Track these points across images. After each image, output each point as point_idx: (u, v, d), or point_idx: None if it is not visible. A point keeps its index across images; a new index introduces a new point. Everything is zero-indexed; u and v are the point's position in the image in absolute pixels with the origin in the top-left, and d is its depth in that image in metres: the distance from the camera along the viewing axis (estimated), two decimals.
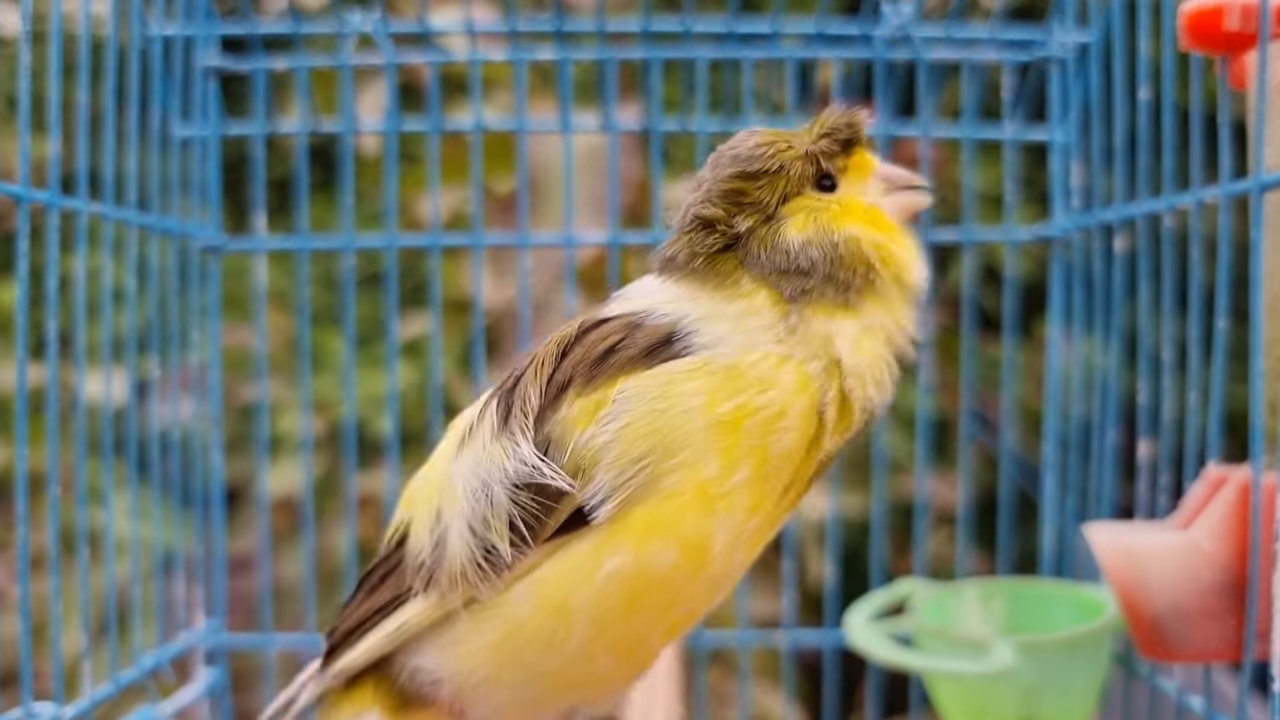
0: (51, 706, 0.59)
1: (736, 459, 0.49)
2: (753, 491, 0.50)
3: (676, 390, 0.49)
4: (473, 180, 0.85)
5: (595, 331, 0.52)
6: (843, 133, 0.55)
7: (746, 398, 0.50)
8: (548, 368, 0.52)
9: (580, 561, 0.50)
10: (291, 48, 0.85)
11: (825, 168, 0.55)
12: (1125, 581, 0.59)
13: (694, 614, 0.55)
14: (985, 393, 1.15)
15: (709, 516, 0.49)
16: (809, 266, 0.52)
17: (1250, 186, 0.54)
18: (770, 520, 0.53)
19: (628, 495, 0.49)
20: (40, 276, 0.59)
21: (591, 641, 0.51)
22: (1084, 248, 0.81)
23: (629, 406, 0.49)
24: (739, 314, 0.52)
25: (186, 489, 0.83)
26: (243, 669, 0.95)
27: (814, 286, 0.52)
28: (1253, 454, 0.54)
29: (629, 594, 0.50)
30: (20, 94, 0.56)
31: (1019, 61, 0.85)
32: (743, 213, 0.53)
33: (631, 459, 0.49)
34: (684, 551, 0.49)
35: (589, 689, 0.54)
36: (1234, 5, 0.56)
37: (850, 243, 0.53)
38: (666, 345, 0.51)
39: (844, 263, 0.53)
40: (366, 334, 1.15)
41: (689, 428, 0.49)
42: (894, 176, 0.58)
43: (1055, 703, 0.66)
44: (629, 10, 1.06)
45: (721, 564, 0.51)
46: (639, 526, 0.49)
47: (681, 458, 0.49)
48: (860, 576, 0.88)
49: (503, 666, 0.52)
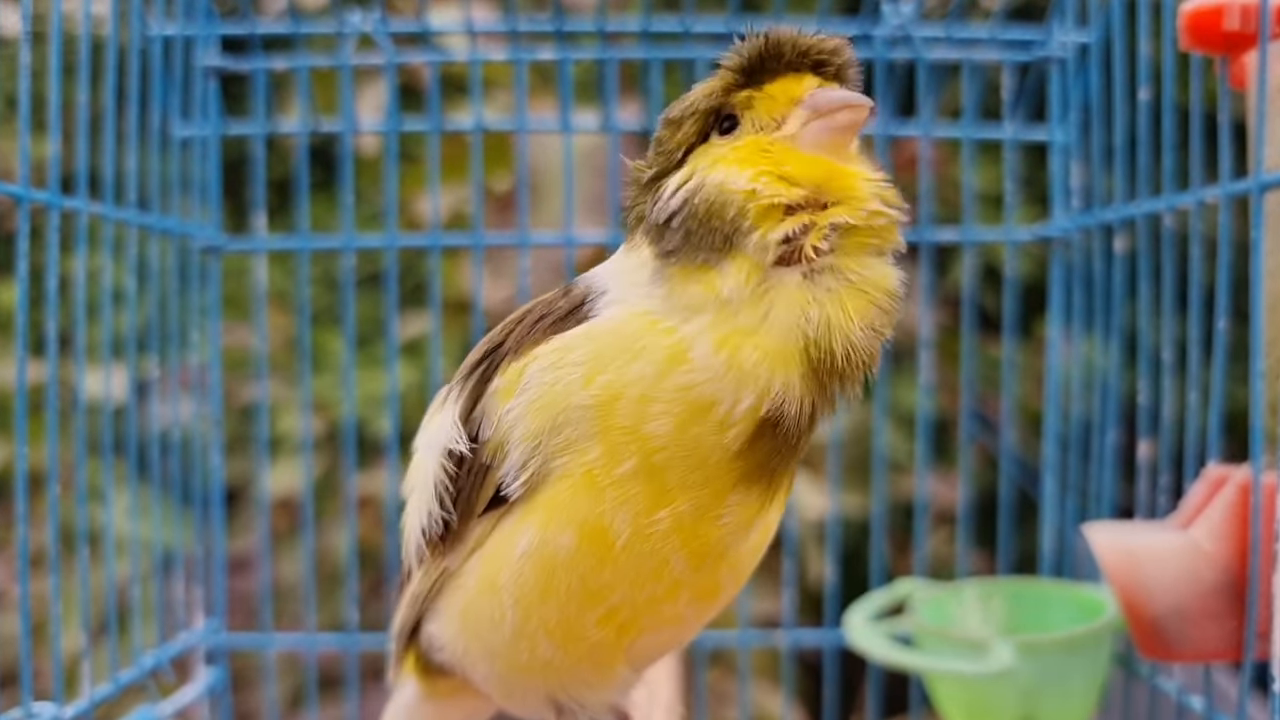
0: (51, 706, 0.59)
1: (616, 445, 0.44)
2: (651, 484, 0.45)
3: (565, 360, 0.46)
4: (472, 180, 0.85)
5: (544, 299, 0.51)
6: (748, 60, 0.46)
7: (612, 374, 0.44)
8: (499, 336, 0.50)
9: (504, 538, 0.49)
10: (291, 48, 0.85)
11: (723, 104, 0.47)
12: (1125, 581, 0.59)
13: (637, 611, 0.49)
14: (985, 393, 1.15)
15: (600, 504, 0.45)
16: (671, 220, 0.45)
17: (1250, 186, 0.54)
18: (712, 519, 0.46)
19: (531, 474, 0.46)
20: (40, 276, 0.59)
21: (523, 622, 0.49)
22: (1084, 248, 0.81)
23: (535, 379, 0.46)
24: (630, 270, 0.47)
25: (186, 489, 0.83)
26: (242, 669, 0.95)
27: (677, 245, 0.45)
28: (1253, 454, 0.54)
29: (541, 576, 0.47)
30: (20, 94, 0.56)
31: (1019, 61, 0.85)
32: (653, 163, 0.48)
33: (530, 435, 0.46)
34: (582, 537, 0.46)
35: (550, 678, 0.52)
36: (1234, 5, 0.56)
37: (709, 191, 0.44)
38: (579, 309, 0.48)
39: (700, 217, 0.45)
40: (366, 334, 1.15)
41: (570, 402, 0.45)
42: (821, 103, 0.45)
43: (1055, 703, 0.66)
44: (629, 10, 1.06)
45: (640, 557, 0.46)
46: (542, 507, 0.47)
47: (566, 435, 0.45)
48: (860, 576, 0.88)
49: (468, 639, 0.52)
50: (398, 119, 0.84)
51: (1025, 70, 0.85)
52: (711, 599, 0.52)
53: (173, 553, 0.89)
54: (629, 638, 0.50)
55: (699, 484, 0.45)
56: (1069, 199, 0.83)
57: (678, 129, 0.47)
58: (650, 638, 0.51)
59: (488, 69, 0.96)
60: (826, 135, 0.45)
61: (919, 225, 0.85)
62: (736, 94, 0.47)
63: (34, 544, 0.59)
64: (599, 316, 0.47)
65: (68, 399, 0.90)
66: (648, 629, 0.50)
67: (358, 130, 0.86)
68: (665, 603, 0.49)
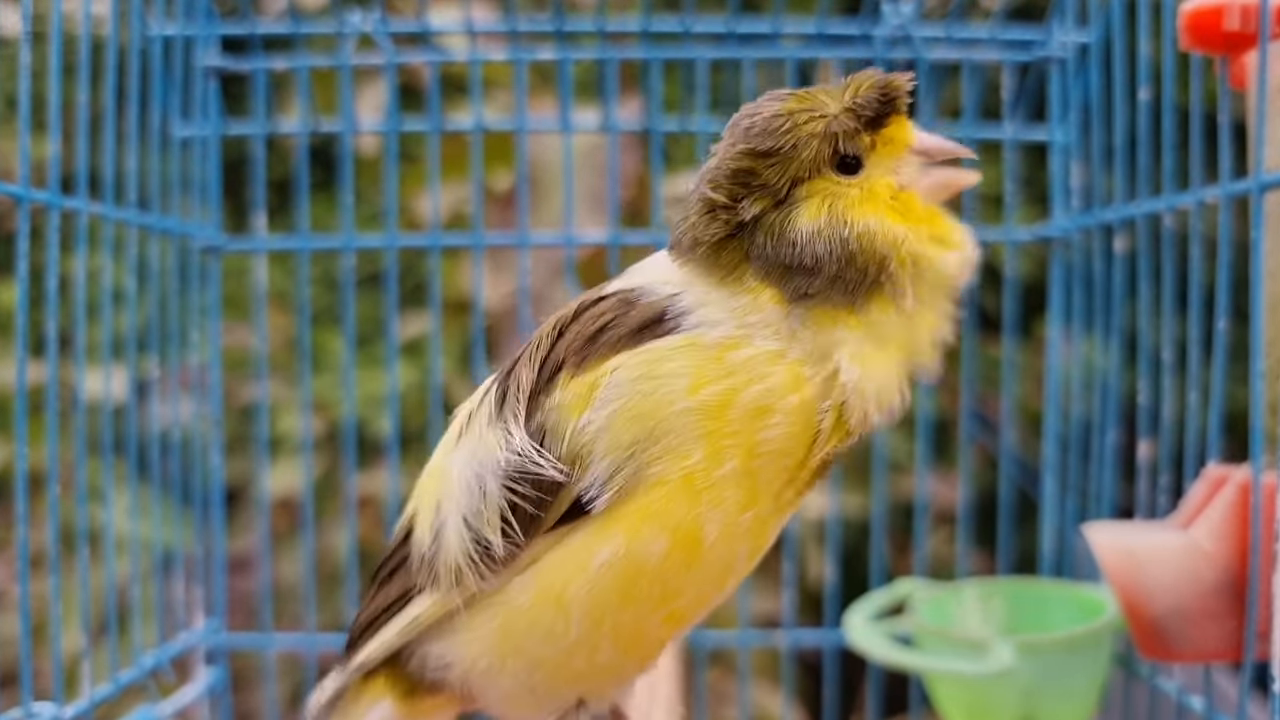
0: (51, 706, 0.59)
1: (722, 449, 0.46)
2: (743, 486, 0.47)
3: (662, 370, 0.47)
4: (472, 180, 0.85)
5: (591, 310, 0.50)
6: (870, 107, 0.48)
7: (732, 383, 0.46)
8: (542, 350, 0.50)
9: (576, 551, 0.49)
10: (291, 48, 0.85)
11: (846, 148, 0.48)
12: (1125, 582, 0.59)
13: (696, 607, 0.52)
14: (985, 393, 1.15)
15: (696, 507, 0.47)
16: (814, 263, 0.47)
17: (1250, 186, 0.54)
18: (770, 518, 0.50)
19: (621, 485, 0.47)
20: (40, 276, 0.59)
21: (590, 632, 0.49)
22: (1084, 248, 0.81)
23: (619, 389, 0.47)
24: (739, 309, 0.48)
25: (186, 489, 0.83)
26: (242, 669, 0.95)
27: (819, 288, 0.47)
28: (1253, 454, 0.54)
29: (623, 584, 0.48)
30: (20, 94, 0.56)
31: (1019, 61, 0.85)
32: (751, 196, 0.48)
33: (622, 446, 0.47)
34: (675, 542, 0.47)
35: (593, 680, 0.53)
36: (1234, 5, 0.56)
37: (864, 238, 0.47)
38: (658, 323, 0.48)
39: (854, 261, 0.47)
40: (366, 334, 1.15)
41: (672, 410, 0.46)
42: (932, 149, 0.51)
43: (1055, 703, 0.66)
44: (629, 10, 1.06)
45: (718, 557, 0.49)
46: (631, 516, 0.47)
47: (666, 443, 0.46)
48: (860, 576, 0.88)
49: (505, 655, 0.52)
50: (398, 119, 0.84)
51: (1025, 70, 0.85)
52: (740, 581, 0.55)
53: (173, 553, 0.89)
54: (681, 631, 0.54)
55: (780, 484, 0.49)
56: (1069, 199, 0.83)
57: (784, 161, 0.48)
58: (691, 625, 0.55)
59: (488, 69, 0.96)
60: (944, 193, 0.51)
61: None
62: (860, 136, 0.49)
63: (34, 544, 0.59)
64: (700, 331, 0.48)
65: (68, 399, 0.90)
66: (694, 620, 0.54)
67: (358, 130, 0.86)
68: (716, 594, 0.52)
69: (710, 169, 0.50)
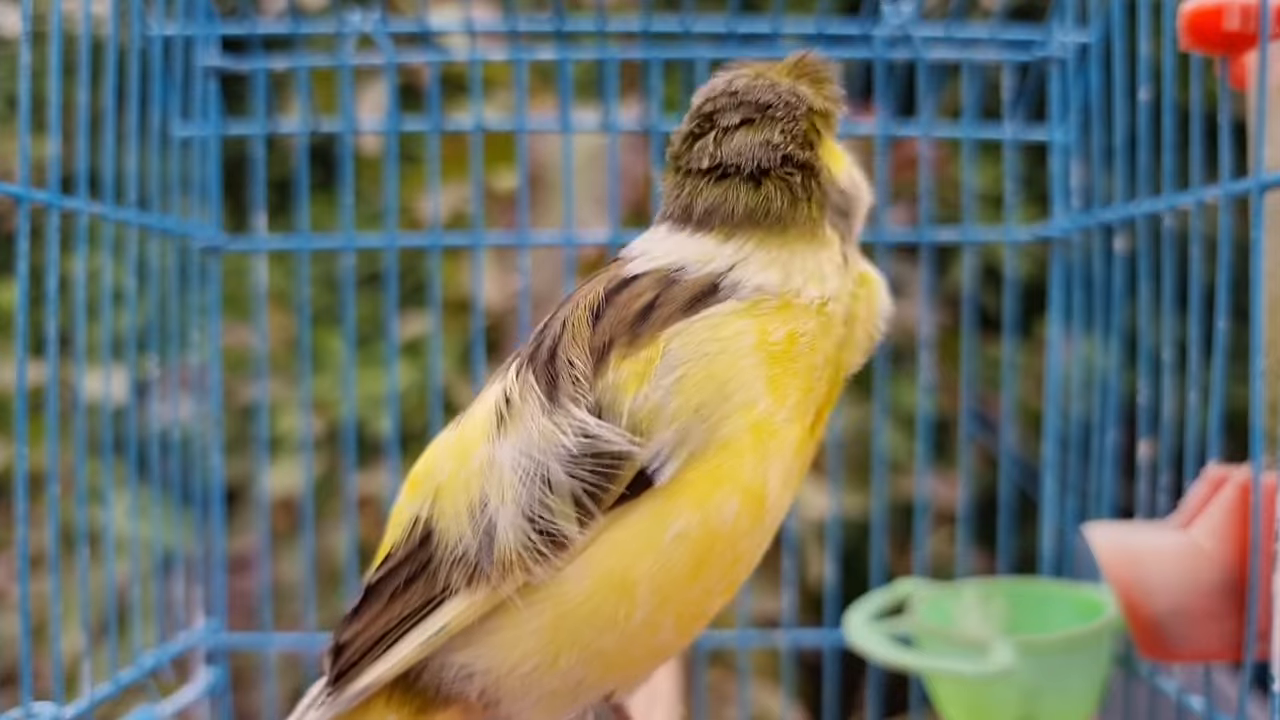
0: (51, 706, 0.59)
1: (784, 387, 0.49)
2: (797, 422, 0.50)
3: (726, 331, 0.48)
4: (472, 180, 0.85)
5: (626, 291, 0.50)
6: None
7: (796, 324, 0.50)
8: (584, 332, 0.49)
9: (643, 529, 0.48)
10: (291, 47, 0.85)
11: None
12: (1125, 581, 0.59)
13: (749, 570, 0.53)
14: (985, 393, 1.15)
15: (764, 459, 0.48)
16: (848, 207, 0.55)
17: (1250, 186, 0.54)
18: (805, 459, 0.53)
19: (691, 450, 0.47)
20: (40, 276, 0.59)
21: (654, 612, 0.48)
22: (1084, 248, 0.81)
23: (681, 357, 0.48)
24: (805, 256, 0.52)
25: (186, 489, 0.83)
26: (242, 669, 0.95)
27: (849, 227, 0.55)
28: (1253, 454, 0.54)
29: (695, 556, 0.48)
30: (20, 94, 0.56)
31: (1019, 61, 0.85)
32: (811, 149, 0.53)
33: (690, 410, 0.47)
34: (745, 500, 0.48)
35: (643, 665, 0.52)
36: (1234, 5, 0.56)
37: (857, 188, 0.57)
38: (712, 294, 0.50)
39: (855, 207, 0.56)
40: (366, 334, 1.15)
41: (740, 364, 0.48)
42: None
43: (1055, 703, 0.66)
44: (629, 10, 1.06)
45: (774, 507, 0.50)
46: (700, 482, 0.47)
47: (736, 399, 0.48)
48: (860, 576, 0.88)
49: (558, 650, 0.49)
50: (398, 119, 0.84)
51: (1025, 70, 0.85)
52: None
53: (173, 553, 0.89)
54: (729, 599, 0.54)
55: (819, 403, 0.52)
56: (1069, 199, 0.83)
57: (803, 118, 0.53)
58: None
59: (488, 69, 0.96)
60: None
61: (919, 225, 0.86)
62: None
63: (34, 544, 0.59)
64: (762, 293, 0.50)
65: (68, 399, 0.90)
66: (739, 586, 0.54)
67: (358, 130, 0.86)
68: (760, 554, 0.53)
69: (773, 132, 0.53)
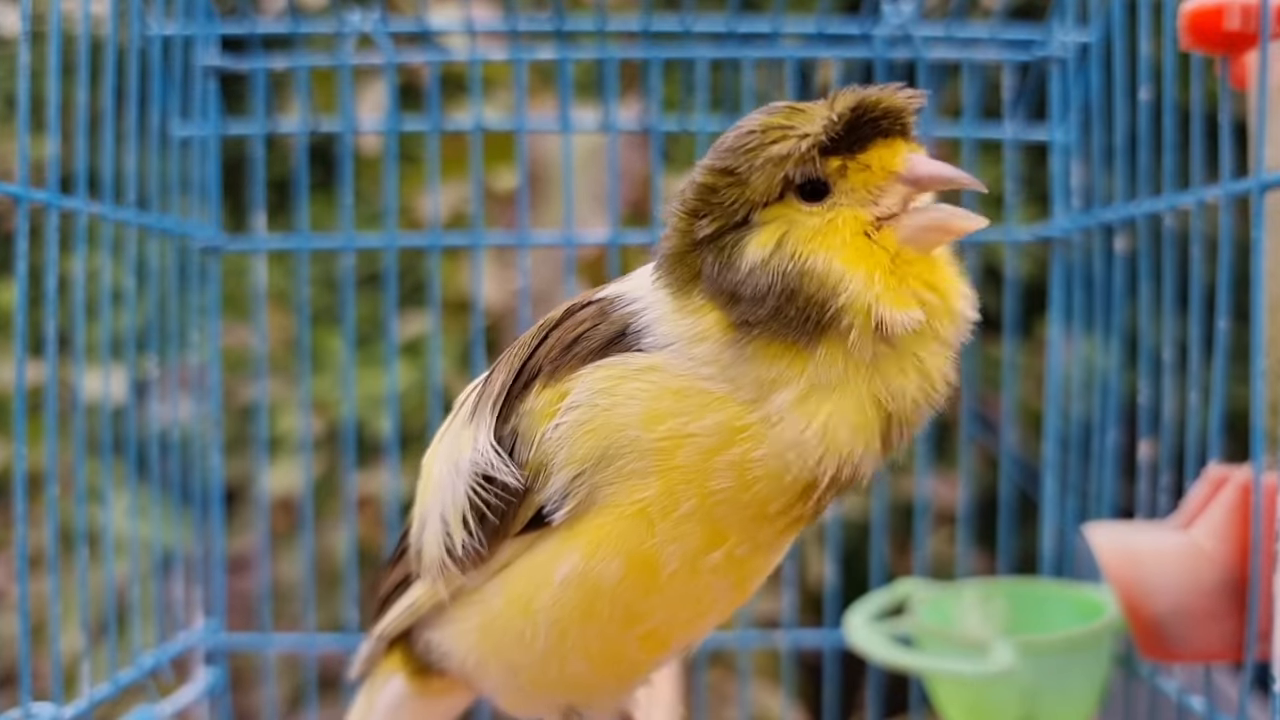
0: (50, 707, 0.59)
1: (675, 490, 0.44)
2: (705, 526, 0.45)
3: (621, 390, 0.45)
4: (472, 179, 0.85)
5: (573, 316, 0.49)
6: (840, 123, 0.43)
7: (683, 423, 0.44)
8: (524, 353, 0.49)
9: (541, 562, 0.48)
10: (291, 47, 0.85)
11: (809, 171, 0.44)
12: (1126, 582, 0.58)
13: (674, 631, 0.51)
14: (986, 393, 1.15)
15: (651, 539, 0.45)
16: (756, 294, 0.43)
17: (1251, 186, 0.54)
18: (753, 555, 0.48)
19: (578, 500, 0.46)
20: (39, 276, 0.59)
21: (558, 644, 0.48)
22: (1084, 248, 0.81)
23: (580, 401, 0.45)
24: (687, 333, 0.45)
25: (185, 489, 0.83)
26: (242, 669, 0.95)
27: (761, 319, 0.43)
28: (1253, 454, 0.53)
29: (583, 602, 0.47)
30: (19, 94, 0.56)
31: (1019, 61, 0.85)
32: (710, 214, 0.45)
33: (577, 460, 0.45)
34: (630, 566, 0.46)
35: (574, 689, 0.52)
36: (1234, 5, 0.56)
37: (807, 276, 0.43)
38: (622, 338, 0.46)
39: (795, 299, 0.43)
40: (366, 334, 1.15)
41: (625, 435, 0.44)
42: (923, 177, 0.44)
43: (1055, 703, 0.66)
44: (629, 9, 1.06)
45: (684, 587, 0.47)
46: (589, 533, 0.46)
47: (618, 467, 0.45)
48: (860, 577, 0.88)
49: (487, 653, 0.52)
50: (397, 118, 0.84)
51: (1025, 70, 0.85)
52: (735, 609, 0.54)
53: (172, 553, 0.89)
54: (663, 654, 0.52)
55: (756, 526, 0.46)
56: (1069, 199, 0.83)
57: (740, 183, 0.44)
58: (676, 649, 0.53)
59: (488, 68, 0.96)
60: (933, 236, 0.45)
61: None
62: (828, 160, 0.44)
63: (33, 544, 0.59)
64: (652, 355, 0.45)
65: (67, 399, 0.90)
66: (678, 643, 0.52)
67: (357, 130, 0.86)
68: (698, 620, 0.51)
69: (686, 180, 0.47)
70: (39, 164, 0.61)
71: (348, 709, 0.63)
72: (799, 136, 0.43)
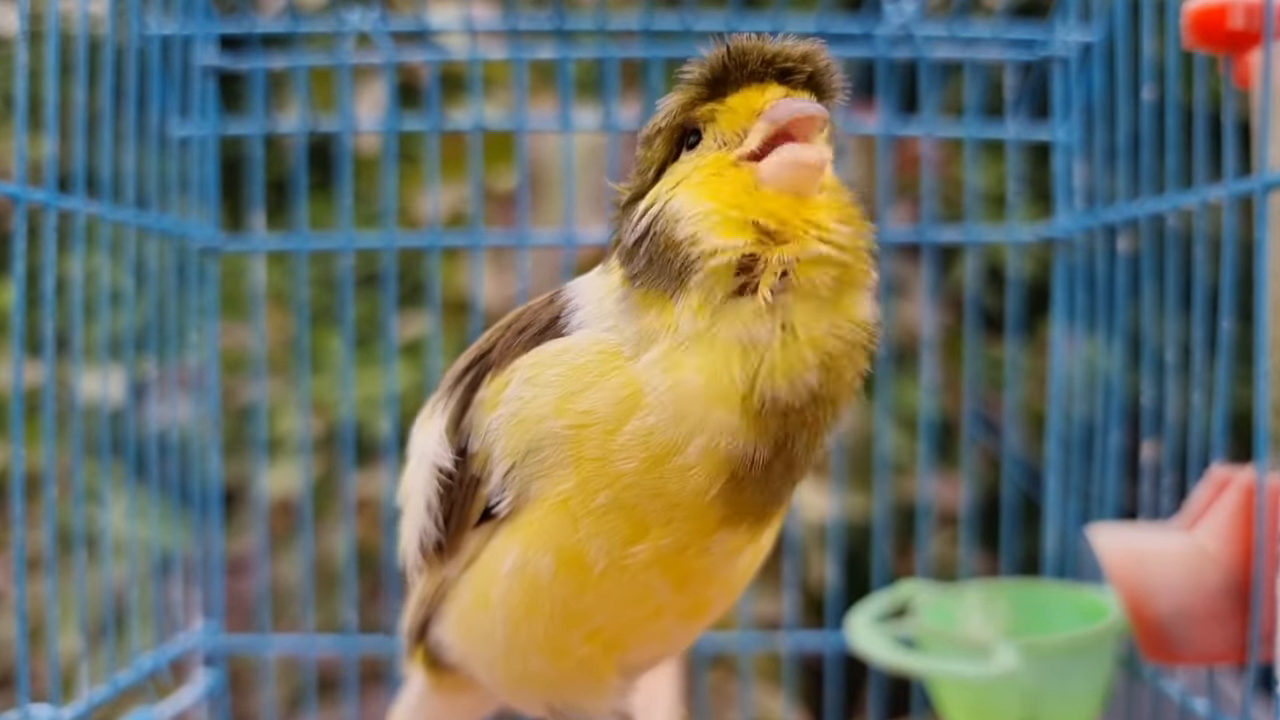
0: (49, 709, 0.59)
1: (591, 481, 0.43)
2: (629, 519, 0.43)
3: (542, 377, 0.44)
4: (472, 179, 0.85)
5: (532, 306, 0.49)
6: (704, 70, 0.44)
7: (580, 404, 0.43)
8: (487, 343, 0.49)
9: (495, 555, 0.48)
10: (290, 46, 0.85)
11: (689, 120, 0.44)
12: (1129, 583, 0.58)
13: (625, 633, 0.49)
14: (988, 394, 1.15)
15: (575, 533, 0.44)
16: (638, 244, 0.43)
17: (1255, 186, 0.54)
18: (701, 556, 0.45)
19: (515, 493, 0.45)
20: (37, 277, 0.59)
21: (514, 636, 0.48)
22: (1087, 248, 0.81)
23: (513, 393, 0.45)
24: (599, 297, 0.45)
25: (184, 490, 0.83)
26: (241, 671, 0.94)
27: (641, 271, 0.43)
28: (1257, 455, 0.53)
29: (526, 595, 0.46)
30: (17, 93, 0.55)
31: (1022, 60, 0.85)
32: (633, 183, 0.47)
33: (509, 454, 0.45)
34: (561, 564, 0.45)
35: (543, 686, 0.51)
36: (1238, 4, 0.56)
37: (667, 218, 0.42)
38: (554, 324, 0.46)
39: (659, 244, 0.42)
40: (365, 334, 1.14)
41: (542, 426, 0.44)
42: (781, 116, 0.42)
43: (1058, 705, 0.65)
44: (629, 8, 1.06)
45: (621, 587, 0.45)
46: (525, 528, 0.45)
47: (541, 459, 0.44)
48: (862, 578, 0.88)
49: (467, 647, 0.52)
50: (397, 118, 0.84)
51: (1028, 69, 0.85)
52: (701, 616, 0.51)
53: (170, 554, 0.89)
54: (616, 654, 0.50)
55: (678, 520, 0.44)
56: (1072, 199, 0.83)
57: (650, 147, 0.46)
58: (638, 651, 0.51)
59: (487, 67, 0.95)
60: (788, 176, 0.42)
61: (922, 225, 0.85)
62: (700, 107, 0.44)
63: (31, 546, 0.58)
64: (570, 335, 0.45)
65: (65, 400, 0.90)
66: (634, 645, 0.50)
67: (356, 129, 0.86)
68: (650, 623, 0.49)
69: None
70: (37, 164, 0.60)
71: (347, 711, 0.63)
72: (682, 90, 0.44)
